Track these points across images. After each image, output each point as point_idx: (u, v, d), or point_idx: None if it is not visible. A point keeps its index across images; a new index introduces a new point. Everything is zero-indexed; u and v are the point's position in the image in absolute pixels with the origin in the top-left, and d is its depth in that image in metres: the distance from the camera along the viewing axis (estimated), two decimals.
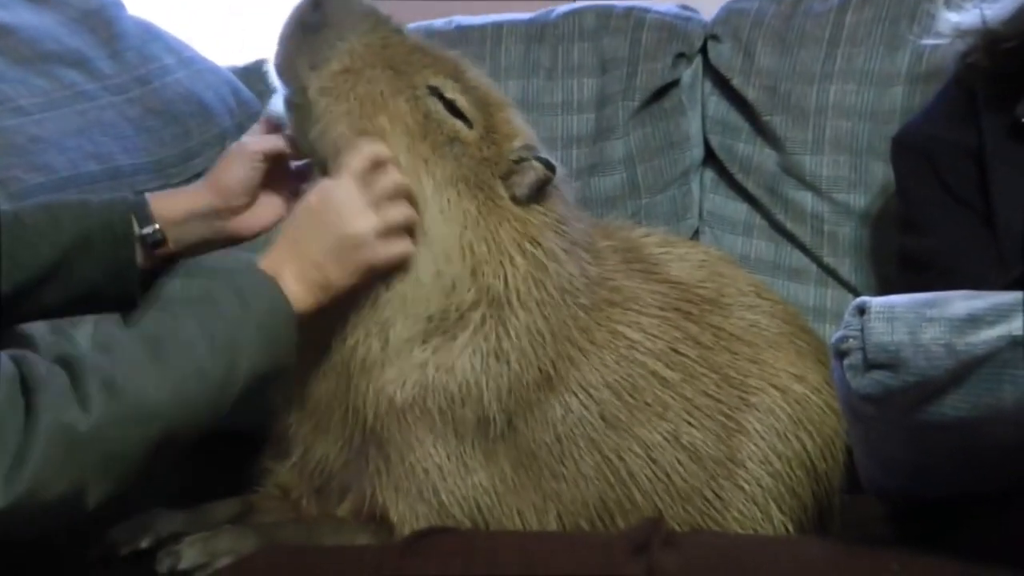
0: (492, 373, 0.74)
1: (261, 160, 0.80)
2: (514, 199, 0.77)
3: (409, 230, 0.74)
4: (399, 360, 0.74)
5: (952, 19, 0.92)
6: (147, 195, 0.80)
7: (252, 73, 1.33)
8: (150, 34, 1.21)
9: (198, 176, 1.17)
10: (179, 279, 0.82)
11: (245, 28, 2.09)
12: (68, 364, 0.59)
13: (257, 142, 0.82)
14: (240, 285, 0.68)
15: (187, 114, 1.19)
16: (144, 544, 0.73)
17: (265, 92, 1.28)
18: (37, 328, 0.89)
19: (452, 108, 0.77)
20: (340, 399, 0.75)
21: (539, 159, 0.78)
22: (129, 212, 0.77)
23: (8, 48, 1.03)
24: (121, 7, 1.20)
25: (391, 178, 0.73)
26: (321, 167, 0.78)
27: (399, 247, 0.73)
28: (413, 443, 0.74)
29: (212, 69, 1.27)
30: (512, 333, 0.74)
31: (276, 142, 0.81)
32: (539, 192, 0.78)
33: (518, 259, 0.75)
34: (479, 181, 0.76)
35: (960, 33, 0.91)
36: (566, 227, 0.80)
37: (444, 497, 0.74)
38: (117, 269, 0.76)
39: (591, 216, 1.01)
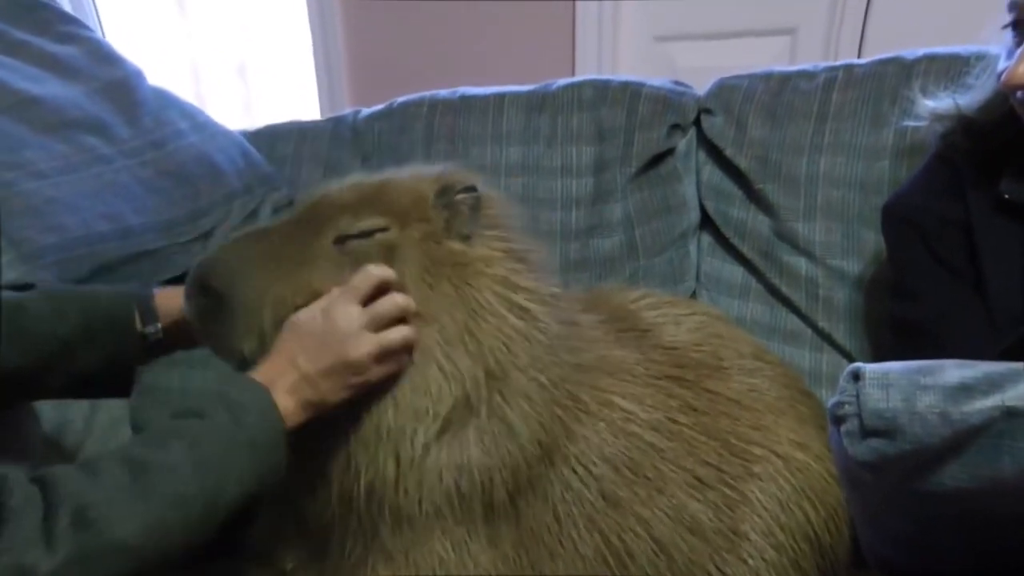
0: (501, 452, 0.72)
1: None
2: (467, 238, 0.75)
3: (407, 347, 0.73)
4: (414, 471, 0.72)
5: (928, 105, 0.96)
6: (154, 289, 0.81)
7: (261, 136, 1.38)
8: (166, 101, 1.26)
9: (206, 235, 1.21)
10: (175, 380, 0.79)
11: (250, 89, 2.16)
12: (45, 487, 0.58)
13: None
14: (234, 400, 0.67)
15: (198, 175, 1.22)
16: None
17: (273, 155, 1.34)
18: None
19: (363, 234, 0.74)
20: (344, 521, 0.73)
21: (455, 192, 0.75)
22: (133, 309, 0.79)
23: (35, 117, 1.07)
24: (142, 76, 1.25)
25: (393, 300, 0.72)
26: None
27: (394, 365, 0.72)
28: (421, 545, 0.72)
29: (223, 132, 1.31)
30: (513, 400, 0.73)
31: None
32: (479, 213, 0.75)
33: (509, 317, 0.73)
34: (437, 258, 0.74)
35: (937, 117, 0.95)
36: (533, 270, 0.77)
37: None
38: (116, 362, 0.78)
39: (583, 282, 1.00)
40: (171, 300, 0.82)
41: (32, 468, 0.77)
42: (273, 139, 1.36)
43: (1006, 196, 0.87)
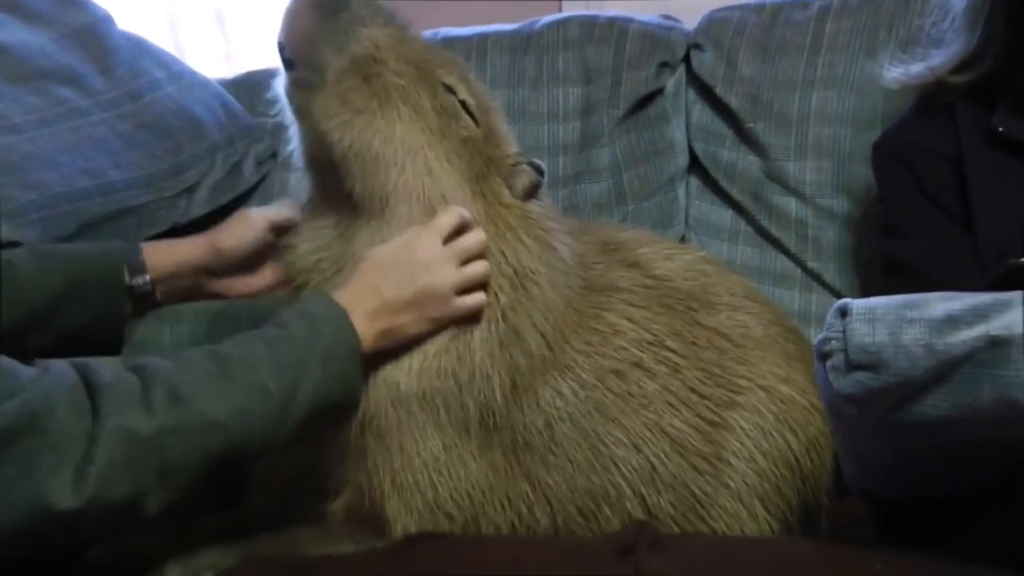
0: (504, 356, 0.76)
1: (267, 229, 0.83)
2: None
3: (483, 285, 0.77)
4: (418, 349, 0.76)
5: (898, 78, 0.94)
6: (141, 244, 0.82)
7: (241, 86, 1.34)
8: (140, 49, 1.22)
9: (190, 190, 1.20)
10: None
11: (230, 39, 2.10)
12: (139, 370, 0.62)
13: (267, 212, 0.85)
14: (312, 312, 0.70)
15: (177, 128, 1.20)
16: (127, 564, 0.73)
17: (254, 104, 1.31)
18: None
19: (464, 105, 0.80)
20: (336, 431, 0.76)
21: (532, 165, 0.84)
22: (121, 262, 0.79)
23: (3, 67, 1.04)
24: (111, 22, 1.21)
25: (476, 237, 0.77)
26: (319, 162, 0.80)
27: (473, 300, 0.76)
28: (414, 434, 0.75)
29: (201, 83, 1.28)
30: (524, 310, 0.77)
31: (286, 213, 0.84)
32: (530, 195, 0.83)
33: (528, 241, 0.79)
34: (485, 178, 0.81)
35: (911, 84, 0.93)
36: (556, 218, 0.86)
37: (440, 490, 0.75)
38: (105, 317, 0.78)
39: (575, 219, 1.02)
40: (157, 255, 0.82)
41: None
42: (252, 88, 1.32)
43: (1000, 130, 0.86)
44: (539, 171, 0.83)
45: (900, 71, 0.94)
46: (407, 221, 0.77)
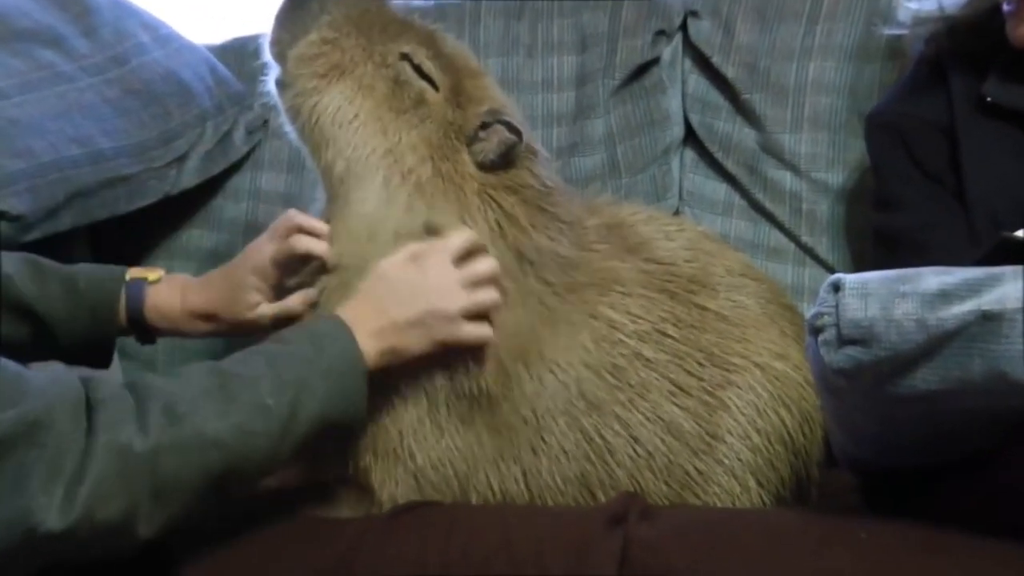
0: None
1: (272, 269, 0.79)
2: (481, 166, 0.79)
3: (492, 315, 0.76)
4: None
5: (911, 7, 0.94)
6: (147, 289, 0.80)
7: (229, 51, 1.31)
8: (123, 9, 1.18)
9: (180, 159, 1.17)
10: None
11: (219, 3, 2.04)
12: (135, 388, 0.60)
13: (269, 251, 0.79)
14: (315, 330, 0.69)
15: (166, 94, 1.17)
16: None
17: (243, 71, 1.28)
18: None
19: (419, 71, 0.79)
20: None
21: (503, 122, 0.79)
22: (117, 301, 0.79)
23: None
24: None
25: (488, 264, 0.75)
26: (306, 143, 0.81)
27: (481, 331, 0.75)
28: (384, 403, 0.76)
29: (189, 47, 1.25)
30: None
31: (287, 246, 0.79)
32: (505, 157, 0.79)
33: (478, 221, 0.77)
34: (439, 144, 0.78)
35: (920, 21, 0.93)
36: (540, 200, 0.81)
37: (420, 460, 0.76)
38: (95, 341, 0.79)
39: (578, 194, 1.02)
40: (163, 298, 0.80)
41: None
42: (241, 53, 1.29)
43: (988, 99, 0.86)
44: (512, 130, 0.79)
45: (912, 5, 0.94)
46: (360, 197, 0.77)
